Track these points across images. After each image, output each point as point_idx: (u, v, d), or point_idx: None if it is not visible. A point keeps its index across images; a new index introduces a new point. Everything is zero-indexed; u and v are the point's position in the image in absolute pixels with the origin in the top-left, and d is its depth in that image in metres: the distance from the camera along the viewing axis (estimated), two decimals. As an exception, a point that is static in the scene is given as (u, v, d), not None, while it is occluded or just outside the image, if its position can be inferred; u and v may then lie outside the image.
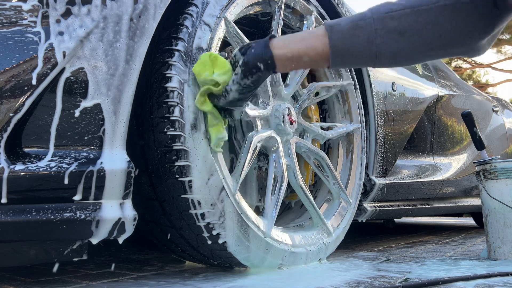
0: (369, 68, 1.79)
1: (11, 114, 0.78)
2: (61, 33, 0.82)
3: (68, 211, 0.82)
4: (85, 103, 0.84)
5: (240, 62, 0.97)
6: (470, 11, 0.85)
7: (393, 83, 1.98)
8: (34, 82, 0.79)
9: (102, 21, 0.87)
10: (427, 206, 2.27)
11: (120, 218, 0.88)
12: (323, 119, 1.72)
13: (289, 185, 1.35)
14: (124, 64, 0.89)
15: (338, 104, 1.69)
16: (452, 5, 0.85)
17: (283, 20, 1.43)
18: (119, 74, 0.89)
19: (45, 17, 0.82)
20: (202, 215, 1.04)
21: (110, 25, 0.88)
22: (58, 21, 0.83)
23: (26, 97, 0.79)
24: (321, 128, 1.57)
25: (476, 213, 3.43)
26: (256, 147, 1.21)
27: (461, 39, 0.88)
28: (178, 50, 1.03)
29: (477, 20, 0.86)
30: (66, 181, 0.82)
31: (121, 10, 0.90)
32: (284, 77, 1.45)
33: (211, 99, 1.03)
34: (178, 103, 1.01)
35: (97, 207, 0.85)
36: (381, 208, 1.86)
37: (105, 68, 0.87)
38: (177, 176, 1.01)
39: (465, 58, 16.19)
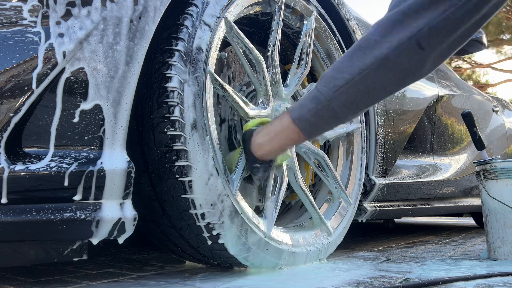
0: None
1: (11, 114, 0.78)
2: (61, 35, 0.82)
3: (68, 211, 0.82)
4: (85, 103, 0.84)
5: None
6: (398, 60, 0.96)
7: (393, 83, 1.97)
8: (34, 82, 0.79)
9: (102, 22, 0.87)
10: (427, 206, 2.27)
11: (120, 218, 0.88)
12: (323, 119, 1.72)
13: (289, 185, 1.35)
14: (124, 66, 0.89)
15: (338, 104, 1.69)
16: (382, 62, 0.96)
17: (283, 20, 1.43)
18: (119, 76, 0.89)
19: (45, 17, 0.82)
20: (202, 215, 1.04)
21: (110, 27, 0.88)
22: (58, 23, 0.83)
23: (26, 97, 0.79)
24: (321, 128, 1.57)
25: (476, 213, 3.43)
26: (256, 147, 1.21)
27: (402, 81, 1.01)
28: (178, 50, 1.03)
29: (407, 63, 0.96)
30: (66, 181, 0.82)
31: (121, 12, 0.90)
32: (284, 77, 1.45)
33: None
34: (178, 103, 1.01)
35: (97, 207, 0.85)
36: (381, 208, 1.86)
37: (105, 70, 0.87)
38: (177, 176, 1.01)
39: (465, 58, 16.18)
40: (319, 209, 1.45)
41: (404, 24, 0.93)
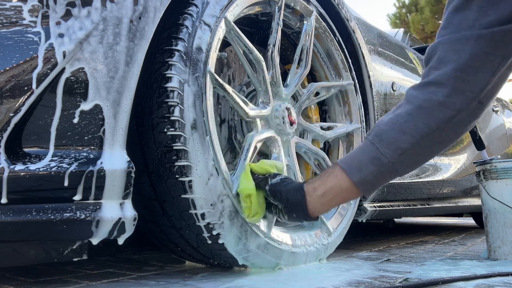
0: (369, 69, 1.79)
1: (11, 114, 0.78)
2: (61, 35, 0.82)
3: (68, 211, 0.82)
4: (85, 103, 0.84)
5: (286, 218, 1.10)
6: (462, 119, 0.96)
7: (393, 83, 1.98)
8: (34, 82, 0.79)
9: (102, 23, 0.87)
10: (427, 206, 2.27)
11: (120, 218, 0.88)
12: (324, 120, 1.72)
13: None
14: (124, 67, 0.89)
15: (338, 105, 1.69)
16: (447, 125, 0.96)
17: (283, 20, 1.43)
18: (119, 76, 0.88)
19: (45, 17, 0.82)
20: (202, 215, 1.04)
21: (110, 27, 0.88)
22: (58, 23, 0.83)
23: (26, 97, 0.79)
24: (321, 128, 1.57)
25: (476, 213, 3.43)
26: (256, 147, 1.21)
27: (459, 135, 1.02)
28: (178, 50, 1.03)
29: (467, 119, 0.97)
30: (66, 181, 0.82)
31: (121, 12, 0.90)
32: (284, 77, 1.45)
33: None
34: (178, 103, 1.01)
35: (97, 207, 0.85)
36: (381, 208, 1.86)
37: (105, 70, 0.87)
38: (177, 176, 1.01)
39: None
40: (319, 209, 1.45)
41: (466, 83, 0.93)
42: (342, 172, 1.02)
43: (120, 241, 0.91)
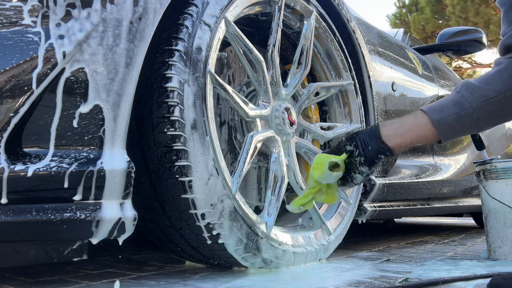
0: (369, 69, 1.79)
1: (11, 114, 0.78)
2: (61, 36, 0.82)
3: (68, 211, 0.82)
4: (85, 104, 0.84)
5: (361, 160, 1.07)
6: None
7: (393, 83, 1.98)
8: (34, 82, 0.79)
9: (102, 24, 0.87)
10: (427, 206, 2.27)
11: (120, 218, 0.88)
12: (324, 120, 1.72)
13: (289, 185, 1.35)
14: (123, 68, 0.89)
15: (338, 105, 1.69)
16: None
17: (283, 20, 1.43)
18: (119, 78, 0.88)
19: (45, 17, 0.82)
20: (202, 215, 1.04)
21: (110, 29, 0.88)
22: (58, 24, 0.83)
23: (26, 97, 0.79)
24: (321, 128, 1.57)
25: (476, 213, 3.43)
26: (256, 147, 1.21)
27: None
28: (178, 50, 1.03)
29: None
30: (66, 181, 0.82)
31: (121, 13, 0.90)
32: (284, 77, 1.45)
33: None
34: (178, 103, 1.01)
35: (97, 207, 0.85)
36: (381, 208, 1.85)
37: (105, 71, 0.87)
38: (177, 176, 1.01)
39: (466, 58, 16.17)
40: (319, 209, 1.45)
41: None
42: (423, 112, 1.05)
43: (120, 241, 0.91)
